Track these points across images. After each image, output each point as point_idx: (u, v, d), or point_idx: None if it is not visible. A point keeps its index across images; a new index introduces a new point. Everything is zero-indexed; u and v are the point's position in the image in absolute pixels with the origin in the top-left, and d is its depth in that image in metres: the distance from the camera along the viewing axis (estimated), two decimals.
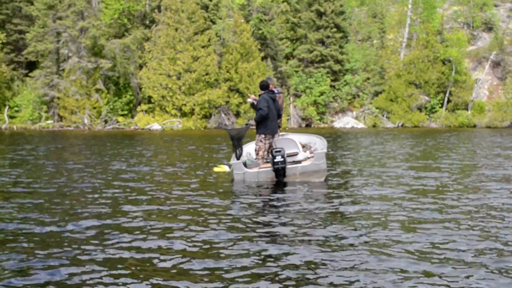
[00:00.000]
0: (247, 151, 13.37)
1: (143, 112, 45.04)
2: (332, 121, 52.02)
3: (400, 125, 50.75)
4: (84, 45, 42.95)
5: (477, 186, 11.50)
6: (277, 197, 10.28)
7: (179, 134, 35.34)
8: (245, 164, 12.21)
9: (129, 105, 45.61)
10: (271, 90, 12.63)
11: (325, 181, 12.07)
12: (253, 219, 8.30)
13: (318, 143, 13.74)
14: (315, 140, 14.11)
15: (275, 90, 12.85)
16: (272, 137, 12.50)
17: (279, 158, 11.68)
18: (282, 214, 8.63)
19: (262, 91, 12.54)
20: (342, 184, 11.96)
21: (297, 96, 51.51)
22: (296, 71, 52.04)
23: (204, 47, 45.21)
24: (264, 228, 7.65)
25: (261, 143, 12.41)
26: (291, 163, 12.17)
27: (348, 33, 55.48)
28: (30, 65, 46.17)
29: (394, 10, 60.61)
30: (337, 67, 52.16)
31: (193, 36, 44.96)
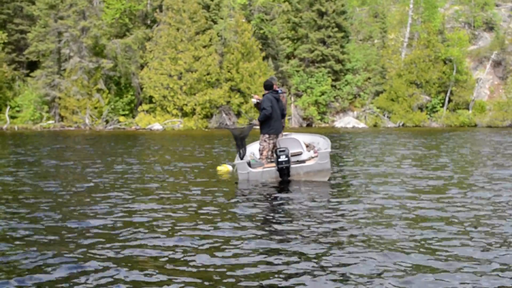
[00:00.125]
0: (251, 151, 13.39)
1: (144, 112, 45.05)
2: (333, 121, 52.01)
3: (401, 125, 50.75)
4: (86, 45, 42.97)
5: (480, 184, 11.52)
6: (282, 196, 10.30)
7: (181, 134, 35.36)
8: (249, 164, 12.21)
9: (130, 105, 45.62)
10: (275, 90, 12.63)
11: (329, 181, 12.09)
12: (259, 217, 8.33)
13: (322, 143, 13.76)
14: (319, 140, 14.13)
15: (279, 90, 12.86)
16: (276, 137, 12.50)
17: (283, 158, 11.70)
18: (287, 212, 8.66)
19: (266, 91, 12.55)
20: (346, 183, 11.99)
21: (298, 96, 51.51)
22: (297, 71, 52.04)
23: (206, 47, 45.23)
24: (270, 226, 7.68)
25: (265, 143, 12.41)
26: (295, 163, 12.18)
27: (349, 33, 55.47)
28: (31, 65, 46.21)
29: (395, 10, 60.64)
30: (338, 67, 52.16)
31: (195, 36, 44.97)
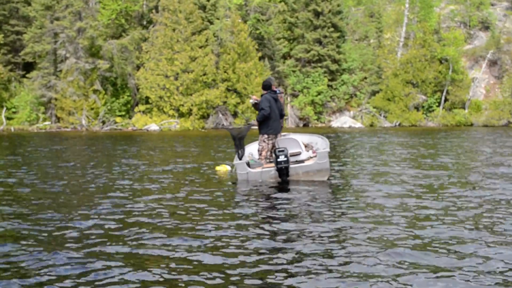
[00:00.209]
0: (249, 152, 13.39)
1: (141, 113, 45.00)
2: (330, 121, 52.05)
3: (398, 125, 50.83)
4: (82, 46, 42.90)
5: (479, 183, 11.55)
6: (281, 196, 10.31)
7: (177, 135, 35.34)
8: (248, 164, 12.22)
9: (127, 106, 45.58)
10: (273, 90, 12.64)
11: (328, 180, 12.11)
12: (259, 217, 8.34)
13: (320, 143, 13.77)
14: (317, 140, 14.14)
15: (277, 90, 12.87)
16: (275, 137, 12.50)
17: (283, 158, 11.71)
18: (287, 212, 8.67)
19: (264, 91, 12.55)
20: (345, 183, 12.00)
21: (295, 96, 51.52)
22: (294, 71, 52.05)
23: (202, 47, 45.20)
24: (271, 226, 7.69)
25: (264, 143, 12.41)
26: (294, 163, 12.19)
27: (345, 33, 55.52)
28: (27, 66, 46.10)
29: (391, 9, 60.74)
30: (334, 67, 52.21)
31: (191, 37, 44.95)
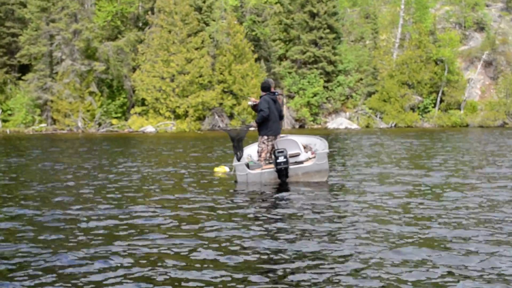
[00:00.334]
0: (248, 153, 13.38)
1: (137, 115, 44.99)
2: (326, 122, 52.11)
3: (393, 126, 50.93)
4: (78, 48, 42.90)
5: (478, 183, 11.59)
6: (281, 197, 10.33)
7: (174, 137, 35.32)
8: (248, 166, 12.23)
9: (123, 108, 45.57)
10: (272, 92, 12.64)
11: (327, 181, 12.14)
12: (260, 217, 8.36)
13: (319, 144, 13.77)
14: (315, 141, 14.14)
15: (276, 92, 12.87)
16: (275, 139, 12.50)
17: (282, 159, 11.72)
18: (288, 212, 8.69)
19: (263, 93, 12.55)
20: (344, 183, 12.02)
21: (291, 97, 51.58)
22: (289, 72, 52.12)
23: (198, 49, 45.23)
24: (272, 226, 7.71)
25: (264, 145, 12.41)
26: (293, 164, 12.20)
27: (341, 34, 55.60)
28: (23, 68, 46.04)
29: (387, 11, 60.87)
30: (330, 68, 52.29)
31: (187, 38, 44.97)
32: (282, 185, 11.68)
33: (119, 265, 5.91)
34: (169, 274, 5.63)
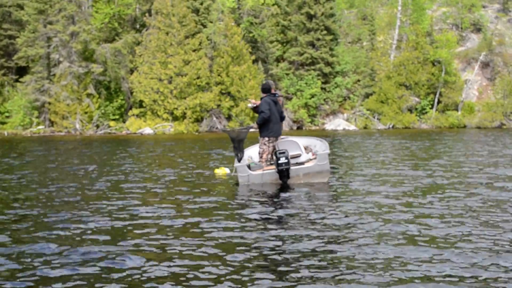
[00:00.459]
0: (249, 155, 13.40)
1: (135, 117, 44.91)
2: (323, 124, 52.12)
3: (391, 127, 50.96)
4: (75, 50, 42.81)
5: (478, 183, 11.63)
6: (283, 197, 10.37)
7: (172, 138, 35.31)
8: (249, 167, 12.25)
9: (121, 110, 45.49)
10: (273, 93, 12.66)
11: (328, 182, 12.17)
12: (262, 218, 8.40)
13: (319, 146, 13.81)
14: (316, 143, 14.18)
15: (276, 93, 12.89)
16: (276, 140, 12.53)
17: (283, 160, 11.75)
18: (289, 213, 8.74)
19: (264, 94, 12.57)
20: (345, 184, 12.06)
21: (288, 99, 51.56)
22: (287, 74, 52.11)
23: (195, 51, 45.20)
24: (273, 226, 7.76)
25: (265, 146, 12.43)
26: (295, 165, 12.24)
27: (338, 36, 55.62)
28: (21, 71, 45.95)
29: (384, 12, 60.94)
30: (328, 70, 52.29)
31: (184, 40, 44.95)
32: (283, 186, 11.72)
33: (126, 265, 5.94)
34: (175, 272, 5.70)
